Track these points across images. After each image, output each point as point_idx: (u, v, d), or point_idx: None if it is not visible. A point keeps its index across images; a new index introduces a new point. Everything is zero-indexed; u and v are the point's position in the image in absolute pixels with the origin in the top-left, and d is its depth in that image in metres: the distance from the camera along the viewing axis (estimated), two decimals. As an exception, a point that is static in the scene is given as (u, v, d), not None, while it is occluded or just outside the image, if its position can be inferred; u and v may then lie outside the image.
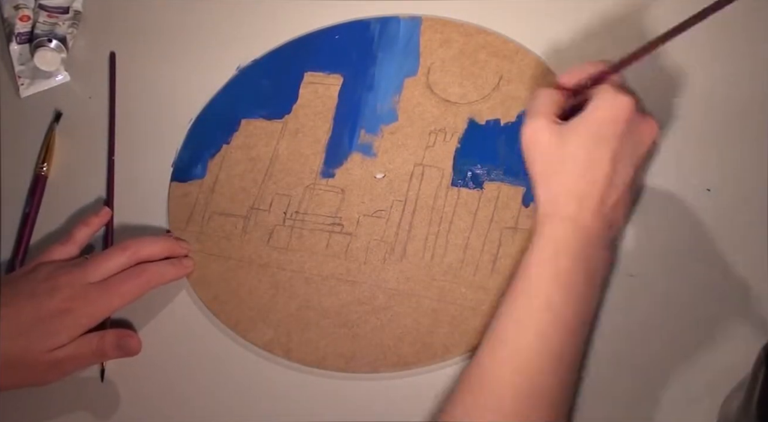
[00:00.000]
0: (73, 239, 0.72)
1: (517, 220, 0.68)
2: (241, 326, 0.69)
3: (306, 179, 0.74)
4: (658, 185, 0.68)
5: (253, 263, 0.72)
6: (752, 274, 0.63)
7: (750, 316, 0.62)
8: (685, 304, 0.64)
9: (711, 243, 0.65)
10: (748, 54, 0.73)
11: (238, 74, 0.82)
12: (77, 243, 0.72)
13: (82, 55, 0.87)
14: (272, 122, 0.78)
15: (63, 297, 0.66)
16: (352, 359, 0.66)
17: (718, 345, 0.62)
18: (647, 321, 0.63)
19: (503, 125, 0.73)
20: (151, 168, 0.78)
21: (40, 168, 0.80)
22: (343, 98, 0.78)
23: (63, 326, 0.65)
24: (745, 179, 0.67)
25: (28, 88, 0.85)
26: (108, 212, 0.75)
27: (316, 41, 0.82)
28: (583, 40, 0.76)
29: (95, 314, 0.67)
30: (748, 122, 0.70)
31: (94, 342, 0.67)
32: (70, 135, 0.82)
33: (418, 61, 0.78)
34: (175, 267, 0.71)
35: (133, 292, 0.68)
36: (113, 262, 0.68)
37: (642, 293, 0.64)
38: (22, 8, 0.87)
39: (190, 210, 0.75)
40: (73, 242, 0.72)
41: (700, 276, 0.64)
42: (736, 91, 0.71)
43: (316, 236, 0.72)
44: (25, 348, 0.64)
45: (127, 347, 0.68)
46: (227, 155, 0.77)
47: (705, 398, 0.59)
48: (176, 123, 0.80)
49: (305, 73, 0.80)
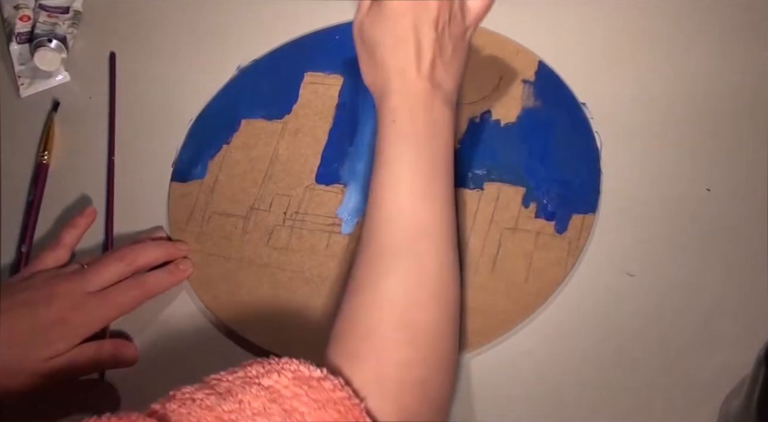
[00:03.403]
0: (62, 243, 0.72)
1: (517, 220, 0.68)
2: (241, 326, 0.69)
3: (306, 179, 0.74)
4: (658, 185, 0.68)
5: (253, 264, 0.72)
6: (752, 274, 0.63)
7: (750, 316, 0.62)
8: (685, 304, 0.64)
9: (711, 243, 0.65)
10: (749, 53, 0.73)
11: (238, 74, 0.82)
12: (66, 247, 0.72)
13: (82, 55, 0.87)
14: (272, 122, 0.78)
15: (61, 307, 0.66)
16: (352, 359, 0.66)
17: (718, 345, 0.62)
18: (647, 321, 0.63)
19: (503, 126, 0.73)
20: (151, 168, 0.78)
21: (41, 157, 0.80)
22: (343, 98, 0.78)
23: (60, 335, 0.65)
24: (745, 179, 0.67)
25: (28, 88, 0.85)
26: (93, 210, 0.75)
27: (316, 41, 0.82)
28: (583, 40, 0.76)
29: (92, 324, 0.67)
30: (748, 122, 0.70)
31: (91, 351, 0.67)
32: (70, 135, 0.82)
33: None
34: (172, 275, 0.71)
35: (131, 303, 0.68)
36: (111, 271, 0.68)
37: (642, 293, 0.64)
38: (22, 8, 0.87)
39: (190, 210, 0.75)
40: (62, 246, 0.72)
41: (700, 276, 0.64)
42: (737, 90, 0.71)
43: (316, 236, 0.72)
44: (21, 357, 0.64)
45: (124, 357, 0.68)
46: (227, 155, 0.77)
47: (705, 398, 0.59)
48: (176, 123, 0.80)
49: (305, 73, 0.80)
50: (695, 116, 0.71)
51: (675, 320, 0.63)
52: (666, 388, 0.61)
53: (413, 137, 0.61)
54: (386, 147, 0.62)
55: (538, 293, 0.65)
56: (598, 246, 0.67)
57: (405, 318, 0.56)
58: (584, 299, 0.65)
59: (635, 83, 0.73)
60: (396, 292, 0.57)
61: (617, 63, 0.74)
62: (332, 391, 0.51)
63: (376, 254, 0.59)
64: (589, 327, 0.64)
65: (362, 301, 0.58)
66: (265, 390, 0.51)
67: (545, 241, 0.67)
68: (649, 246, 0.66)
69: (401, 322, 0.56)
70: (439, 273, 0.59)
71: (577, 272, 0.66)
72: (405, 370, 0.55)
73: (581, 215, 0.68)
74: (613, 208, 0.68)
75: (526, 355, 0.64)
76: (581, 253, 0.66)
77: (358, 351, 0.55)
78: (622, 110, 0.72)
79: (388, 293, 0.57)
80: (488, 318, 0.65)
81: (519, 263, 0.67)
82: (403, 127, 0.62)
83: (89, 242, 0.75)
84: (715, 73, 0.72)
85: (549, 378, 0.63)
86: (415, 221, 0.60)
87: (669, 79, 0.73)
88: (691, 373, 0.61)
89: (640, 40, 0.75)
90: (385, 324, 0.56)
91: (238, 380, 0.52)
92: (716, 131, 0.70)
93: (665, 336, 0.63)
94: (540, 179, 0.70)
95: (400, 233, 0.59)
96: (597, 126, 0.71)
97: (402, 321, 0.56)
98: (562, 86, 0.74)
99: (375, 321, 0.56)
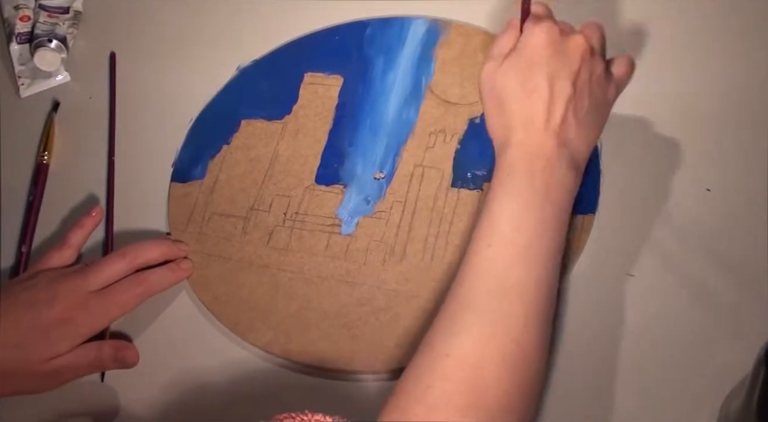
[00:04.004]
0: (68, 243, 0.72)
1: (517, 220, 0.68)
2: (241, 326, 0.69)
3: (306, 180, 0.74)
4: (658, 185, 0.68)
5: (253, 264, 0.72)
6: (752, 274, 0.63)
7: (750, 316, 0.62)
8: (685, 304, 0.64)
9: (711, 243, 0.65)
10: (749, 53, 0.73)
11: (238, 74, 0.82)
12: (73, 247, 0.72)
13: (82, 55, 0.87)
14: (272, 122, 0.78)
15: (63, 307, 0.66)
16: (352, 360, 0.66)
17: (718, 345, 0.62)
18: (647, 321, 0.63)
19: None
20: (151, 168, 0.78)
21: (41, 157, 0.80)
22: (343, 99, 0.78)
23: (62, 335, 0.65)
24: (745, 179, 0.67)
25: (28, 88, 0.85)
26: (100, 210, 0.75)
27: (317, 42, 0.82)
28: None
29: (95, 324, 0.67)
30: (748, 122, 0.70)
31: (92, 352, 0.67)
32: (70, 135, 0.82)
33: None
34: (174, 273, 0.71)
35: (133, 301, 0.68)
36: (113, 270, 0.68)
37: (642, 293, 0.64)
38: (22, 8, 0.87)
39: (190, 211, 0.75)
40: (68, 246, 0.72)
41: (700, 276, 0.64)
42: (737, 90, 0.71)
43: (315, 236, 0.72)
44: (23, 356, 0.64)
45: (125, 359, 0.68)
46: (227, 155, 0.77)
47: (705, 398, 0.59)
48: (176, 123, 0.80)
49: (305, 73, 0.80)
50: (695, 115, 0.71)
51: (675, 320, 0.63)
52: (666, 388, 0.61)
53: (526, 192, 0.58)
54: (494, 199, 0.58)
55: (538, 293, 0.65)
56: (598, 246, 0.67)
57: (470, 378, 0.51)
58: (584, 300, 0.65)
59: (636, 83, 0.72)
60: (465, 350, 0.52)
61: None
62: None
63: (456, 309, 0.55)
64: (589, 327, 0.64)
65: (429, 356, 0.53)
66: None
67: (545, 241, 0.67)
68: (649, 246, 0.66)
69: (465, 383, 0.51)
70: (520, 339, 0.53)
71: (577, 273, 0.66)
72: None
73: (581, 215, 0.68)
74: (613, 208, 0.68)
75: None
76: (581, 253, 0.66)
77: (412, 410, 0.51)
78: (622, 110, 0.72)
79: (457, 349, 0.52)
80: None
81: (519, 264, 0.67)
82: (517, 182, 0.58)
83: (89, 242, 0.74)
84: (715, 74, 0.72)
85: (548, 378, 0.63)
86: (506, 278, 0.55)
87: (669, 80, 0.73)
88: (691, 373, 0.61)
89: (641, 40, 0.75)
90: (445, 381, 0.51)
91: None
92: (716, 131, 0.70)
93: (665, 337, 0.63)
94: (540, 179, 0.70)
95: (486, 288, 0.55)
96: (597, 126, 0.71)
97: (466, 381, 0.51)
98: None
99: (436, 377, 0.51)
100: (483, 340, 0.53)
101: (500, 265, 0.56)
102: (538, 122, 0.60)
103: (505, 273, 0.55)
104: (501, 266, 0.56)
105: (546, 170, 0.59)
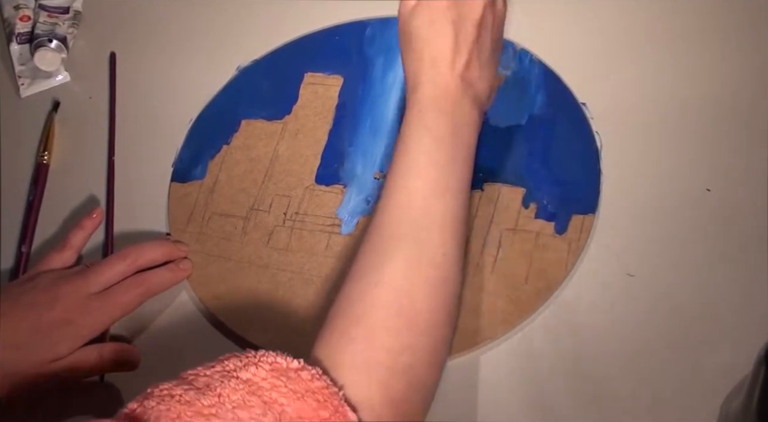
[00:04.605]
0: (69, 245, 0.72)
1: (517, 221, 0.68)
2: (241, 326, 0.69)
3: (306, 180, 0.74)
4: (658, 185, 0.68)
5: (253, 264, 0.72)
6: (752, 274, 0.63)
7: (750, 316, 0.62)
8: (685, 304, 0.64)
9: (711, 243, 0.65)
10: (749, 53, 0.73)
11: (238, 74, 0.82)
12: (74, 248, 0.72)
13: (82, 55, 0.87)
14: (272, 122, 0.78)
15: (64, 308, 0.66)
16: (352, 359, 0.66)
17: (718, 345, 0.62)
18: (647, 321, 0.63)
19: (503, 127, 0.73)
20: (151, 168, 0.78)
21: (41, 157, 0.80)
22: (343, 99, 0.78)
23: (63, 337, 0.65)
24: (745, 179, 0.67)
25: (28, 88, 0.85)
26: (101, 212, 0.75)
27: (316, 42, 0.82)
28: (583, 40, 0.76)
29: (96, 326, 0.67)
30: (748, 122, 0.70)
31: (93, 355, 0.67)
32: (70, 135, 0.82)
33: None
34: (174, 273, 0.71)
35: (134, 302, 0.68)
36: (113, 271, 0.68)
37: (642, 293, 0.65)
38: (23, 8, 0.87)
39: (190, 211, 0.75)
40: (69, 247, 0.72)
41: (700, 276, 0.64)
42: (737, 90, 0.71)
43: (315, 237, 0.72)
44: (24, 358, 0.64)
45: (126, 362, 0.68)
46: (227, 155, 0.77)
47: (705, 398, 0.59)
48: (176, 123, 0.80)
49: (305, 73, 0.80)
50: (695, 115, 0.71)
51: (675, 320, 0.63)
52: (666, 388, 0.61)
53: (436, 129, 0.62)
54: (408, 136, 0.62)
55: (538, 293, 0.65)
56: (598, 246, 0.67)
57: (400, 303, 0.56)
58: (584, 300, 0.65)
59: (635, 83, 0.73)
60: (394, 276, 0.57)
61: (617, 63, 0.74)
62: (310, 381, 0.51)
63: (382, 239, 0.59)
64: (589, 327, 0.64)
65: (360, 284, 0.58)
66: (243, 383, 0.51)
67: (545, 241, 0.67)
68: (649, 246, 0.66)
69: (396, 307, 0.56)
70: (441, 264, 0.59)
71: (577, 273, 0.66)
72: (395, 356, 0.55)
73: (581, 215, 0.68)
74: (613, 208, 0.68)
75: (526, 355, 0.64)
76: (581, 253, 0.66)
77: (349, 334, 0.55)
78: (622, 110, 0.72)
79: (387, 277, 0.57)
80: (488, 318, 0.65)
81: (519, 264, 0.67)
82: (428, 119, 0.62)
83: (89, 242, 0.74)
84: (715, 73, 0.72)
85: (549, 378, 0.63)
86: (425, 210, 0.60)
87: (669, 80, 0.73)
88: (691, 373, 0.61)
89: (641, 40, 0.75)
90: (379, 307, 0.56)
91: (216, 374, 0.52)
92: (716, 131, 0.70)
93: (665, 336, 0.63)
94: (540, 179, 0.70)
95: (408, 220, 0.60)
96: (597, 126, 0.71)
97: (397, 306, 0.56)
98: (562, 86, 0.74)
99: (369, 304, 0.56)
100: (410, 266, 0.58)
101: (420, 197, 0.60)
102: (444, 64, 0.63)
103: (425, 204, 0.60)
104: (421, 198, 0.60)
105: (454, 109, 0.63)
